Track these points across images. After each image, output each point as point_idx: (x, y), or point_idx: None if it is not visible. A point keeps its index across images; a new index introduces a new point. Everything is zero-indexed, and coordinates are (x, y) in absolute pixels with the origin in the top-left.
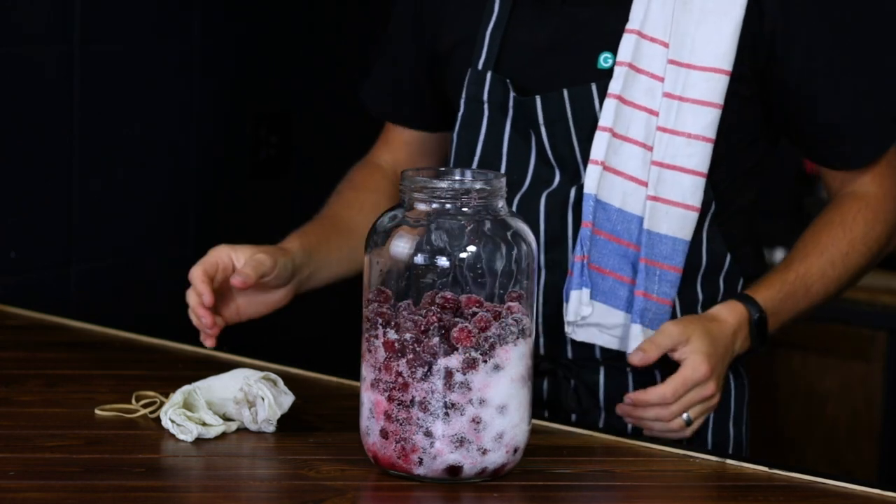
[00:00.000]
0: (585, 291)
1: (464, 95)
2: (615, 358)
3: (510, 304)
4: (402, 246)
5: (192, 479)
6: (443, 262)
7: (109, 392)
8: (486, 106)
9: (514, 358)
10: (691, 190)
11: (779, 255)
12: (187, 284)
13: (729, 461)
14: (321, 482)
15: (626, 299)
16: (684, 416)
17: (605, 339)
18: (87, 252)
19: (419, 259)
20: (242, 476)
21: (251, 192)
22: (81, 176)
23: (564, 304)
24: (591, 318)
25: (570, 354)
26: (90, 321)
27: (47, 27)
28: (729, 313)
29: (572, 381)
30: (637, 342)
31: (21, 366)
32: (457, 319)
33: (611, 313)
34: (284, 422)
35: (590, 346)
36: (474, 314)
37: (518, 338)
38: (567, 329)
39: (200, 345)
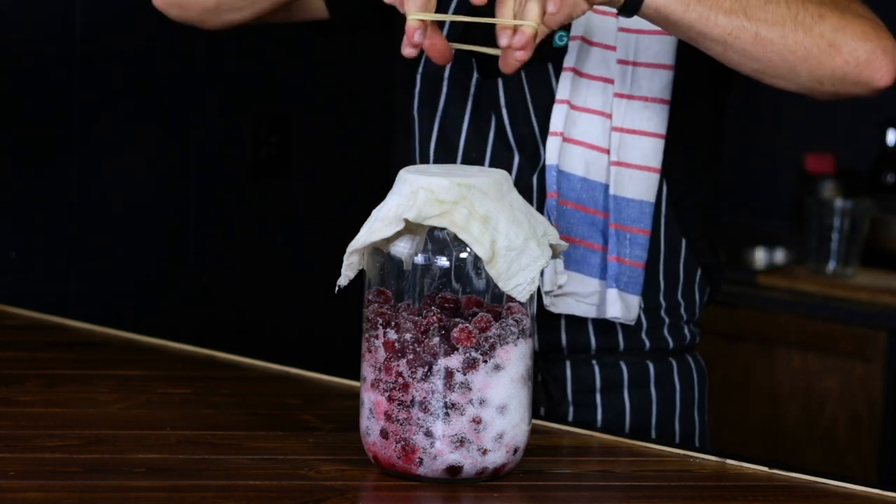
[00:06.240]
0: (559, 261)
1: (420, 71)
2: (580, 351)
3: (510, 304)
4: (402, 246)
5: (192, 479)
6: (443, 262)
7: (109, 392)
8: (445, 83)
9: (515, 358)
10: (653, 152)
11: (779, 255)
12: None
13: (729, 461)
14: (321, 482)
15: (599, 266)
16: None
17: (582, 309)
18: (87, 252)
19: (419, 259)
20: (242, 476)
21: (251, 192)
22: (81, 176)
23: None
24: (566, 288)
25: (536, 347)
26: (90, 321)
27: (47, 27)
28: None
29: (539, 375)
30: (615, 306)
31: (21, 366)
32: (457, 320)
33: (585, 281)
34: (285, 422)
35: (556, 340)
36: (474, 314)
37: (518, 338)
38: (545, 301)
39: (200, 345)
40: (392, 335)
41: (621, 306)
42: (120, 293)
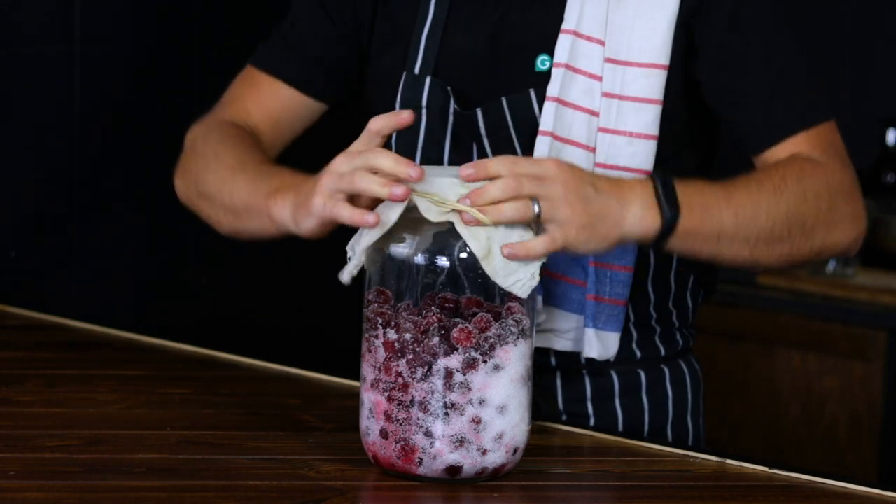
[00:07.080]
0: (539, 298)
1: (399, 99)
2: (571, 364)
3: (510, 304)
4: (402, 246)
5: (192, 478)
6: (443, 262)
7: (109, 392)
8: (424, 111)
9: (514, 358)
10: None
11: None
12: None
13: (729, 461)
14: (321, 482)
15: (579, 302)
16: (535, 206)
17: (561, 343)
18: (87, 252)
19: (419, 259)
20: (242, 476)
21: None
22: (81, 176)
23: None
24: (545, 324)
25: None
26: (90, 321)
27: (47, 27)
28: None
29: None
30: (592, 346)
31: (21, 366)
32: (457, 320)
33: (565, 317)
34: (284, 422)
35: (545, 353)
36: (474, 314)
37: (518, 338)
38: None
39: (200, 345)
40: (392, 335)
41: (598, 345)
42: (120, 293)
